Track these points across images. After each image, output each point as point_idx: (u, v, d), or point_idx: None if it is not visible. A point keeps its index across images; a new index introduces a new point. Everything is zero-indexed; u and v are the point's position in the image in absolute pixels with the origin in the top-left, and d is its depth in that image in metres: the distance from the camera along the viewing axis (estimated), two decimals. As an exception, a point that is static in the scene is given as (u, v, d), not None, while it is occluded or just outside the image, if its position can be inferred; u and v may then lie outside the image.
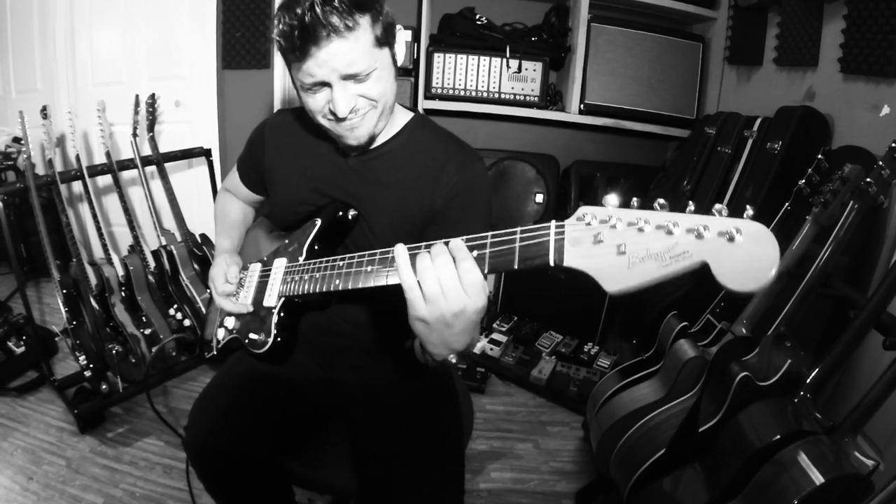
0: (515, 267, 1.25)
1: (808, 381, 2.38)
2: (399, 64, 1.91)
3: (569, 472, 3.51)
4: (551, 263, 1.17)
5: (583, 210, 1.15)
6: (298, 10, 1.61)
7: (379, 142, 2.04)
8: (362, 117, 1.85)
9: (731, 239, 0.96)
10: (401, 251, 1.43)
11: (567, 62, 5.00)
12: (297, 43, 1.65)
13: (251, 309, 2.14)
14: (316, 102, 1.82)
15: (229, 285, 2.22)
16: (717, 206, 1.01)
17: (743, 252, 0.95)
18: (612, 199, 1.12)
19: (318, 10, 1.59)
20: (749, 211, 1.00)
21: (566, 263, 1.14)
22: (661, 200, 1.07)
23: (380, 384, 2.23)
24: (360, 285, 1.63)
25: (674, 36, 4.93)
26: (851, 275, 3.06)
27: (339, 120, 1.81)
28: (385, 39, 1.78)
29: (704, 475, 2.50)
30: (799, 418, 2.28)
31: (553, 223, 1.19)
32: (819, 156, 2.71)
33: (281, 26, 1.67)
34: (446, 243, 1.36)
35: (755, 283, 0.94)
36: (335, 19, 1.61)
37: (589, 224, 1.12)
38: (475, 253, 1.33)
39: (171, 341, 4.03)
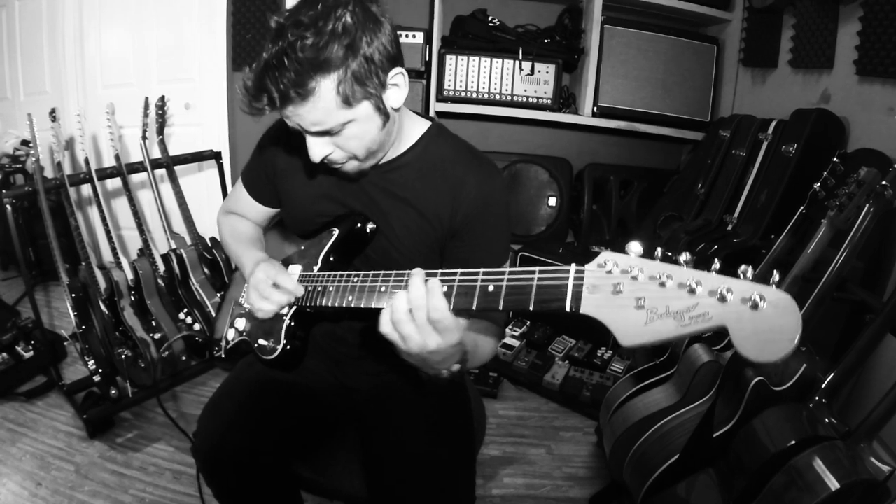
0: (531, 308, 1.25)
1: (823, 385, 2.36)
2: (397, 107, 1.78)
3: (582, 477, 3.48)
4: (567, 309, 1.16)
5: (604, 256, 1.14)
6: (255, 66, 1.57)
7: (394, 154, 1.97)
8: (341, 165, 1.82)
9: (755, 307, 0.95)
10: (384, 316, 1.50)
11: (580, 64, 4.98)
12: (253, 102, 1.60)
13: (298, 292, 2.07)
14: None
15: (280, 293, 1.94)
16: (743, 267, 1.00)
17: (765, 321, 0.94)
18: (635, 246, 1.11)
19: (270, 74, 1.53)
20: (776, 276, 0.98)
21: (583, 311, 1.14)
22: (687, 255, 1.05)
23: (392, 390, 2.20)
24: (372, 305, 1.62)
25: (688, 38, 4.91)
26: (867, 279, 3.03)
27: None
28: (361, 94, 1.64)
29: (718, 481, 2.48)
30: (814, 423, 2.26)
31: (573, 266, 1.19)
32: (834, 159, 2.71)
33: (243, 79, 1.61)
34: (427, 286, 1.43)
35: (773, 354, 0.93)
36: (285, 85, 1.53)
37: (610, 272, 1.12)
38: (491, 287, 1.35)
39: (181, 343, 4.01)
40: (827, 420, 2.29)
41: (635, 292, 1.07)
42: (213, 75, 5.18)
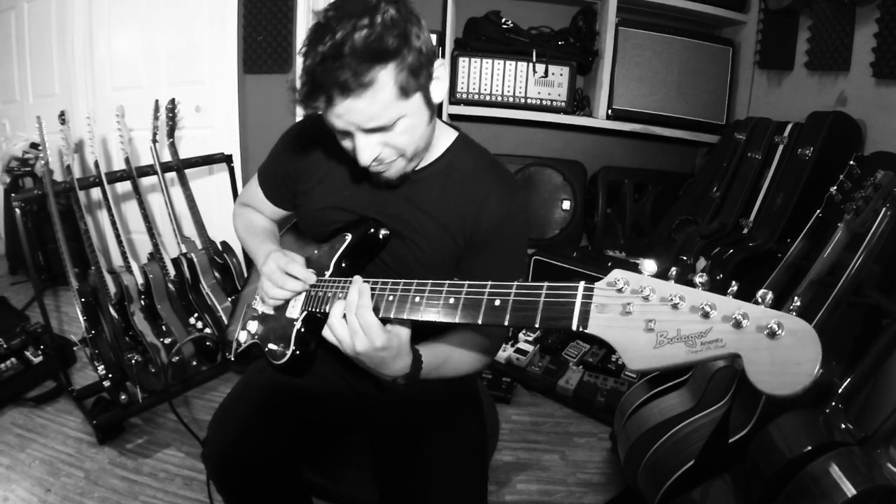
0: (537, 325, 1.24)
1: (839, 391, 2.35)
2: (439, 101, 1.76)
3: (596, 483, 3.46)
4: (574, 328, 1.15)
5: (615, 275, 1.12)
6: (309, 62, 1.52)
7: (421, 164, 1.96)
8: (389, 165, 1.77)
9: (772, 335, 0.91)
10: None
11: (594, 66, 4.98)
12: (308, 101, 1.56)
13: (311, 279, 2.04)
14: (345, 144, 1.74)
15: (293, 282, 1.97)
16: (762, 291, 0.96)
17: (782, 352, 0.91)
18: (648, 265, 1.10)
19: (327, 65, 1.49)
20: (796, 301, 0.97)
21: (590, 330, 1.13)
22: (702, 277, 1.03)
23: (403, 395, 2.15)
24: (380, 315, 1.60)
25: (703, 40, 4.92)
26: (884, 283, 3.01)
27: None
28: (415, 85, 1.62)
29: (734, 487, 2.49)
30: (830, 429, 2.26)
31: (582, 284, 1.17)
32: (851, 162, 2.70)
33: (294, 80, 1.58)
34: (359, 289, 1.61)
35: (789, 388, 0.90)
36: (346, 77, 1.49)
37: (620, 291, 1.10)
38: (497, 301, 1.34)
39: (190, 346, 4.01)
40: (843, 426, 2.29)
41: (645, 314, 1.05)
42: (224, 78, 5.17)
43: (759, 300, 0.95)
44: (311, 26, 1.56)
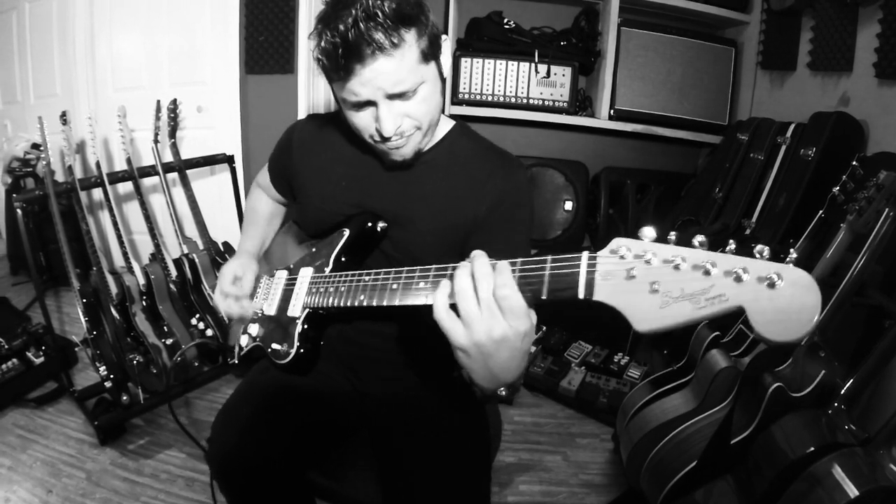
0: (544, 297, 1.22)
1: (842, 391, 2.35)
2: (447, 72, 1.83)
3: (598, 484, 3.46)
4: (581, 296, 1.14)
5: (617, 242, 1.12)
6: (341, 27, 1.56)
7: (424, 147, 1.99)
8: (407, 139, 1.81)
9: (772, 285, 0.94)
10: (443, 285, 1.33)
11: (597, 67, 4.97)
12: (340, 62, 1.60)
13: (250, 313, 2.16)
14: (360, 121, 1.77)
15: (234, 288, 2.19)
16: (759, 246, 0.98)
17: (783, 300, 0.94)
18: (648, 231, 1.09)
19: (361, 25, 1.55)
20: (792, 254, 0.97)
21: (596, 297, 1.12)
22: (701, 238, 1.03)
23: (406, 396, 2.19)
24: (384, 303, 1.60)
25: (706, 40, 4.91)
26: (886, 283, 3.00)
27: (384, 140, 1.77)
28: (431, 53, 1.72)
29: (736, 488, 2.48)
30: (833, 430, 2.26)
31: (585, 254, 1.16)
32: (854, 162, 2.68)
33: (322, 44, 1.62)
34: (493, 265, 1.26)
35: (793, 333, 0.93)
36: (380, 36, 1.56)
37: (623, 258, 1.10)
38: None
39: (193, 349, 4.00)
40: (846, 426, 2.28)
41: (649, 276, 1.05)
42: (226, 78, 5.15)
43: (758, 255, 0.97)
44: (328, 2, 1.65)
